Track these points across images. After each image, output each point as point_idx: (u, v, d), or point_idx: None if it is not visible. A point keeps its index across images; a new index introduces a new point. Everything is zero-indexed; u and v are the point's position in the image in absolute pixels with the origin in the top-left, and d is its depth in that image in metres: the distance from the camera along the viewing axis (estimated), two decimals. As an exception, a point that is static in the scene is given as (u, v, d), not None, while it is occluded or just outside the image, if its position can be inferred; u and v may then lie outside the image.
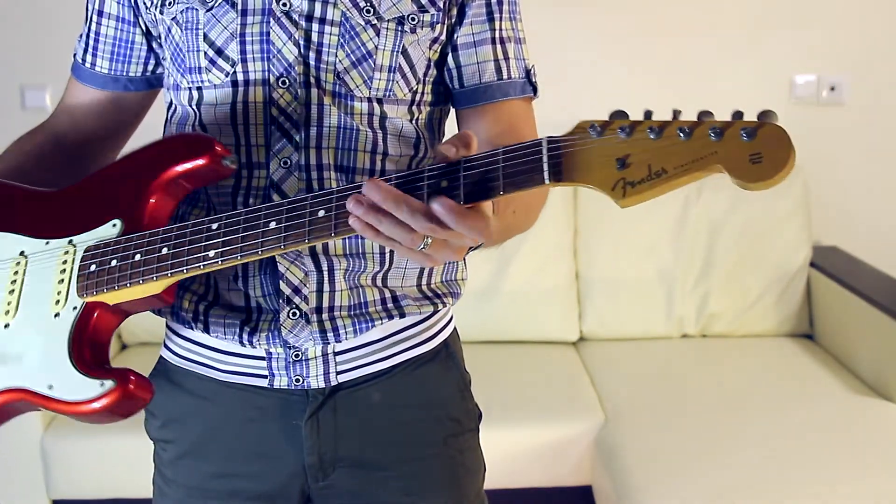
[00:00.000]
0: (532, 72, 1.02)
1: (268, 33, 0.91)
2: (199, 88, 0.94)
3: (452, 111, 1.05)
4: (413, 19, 0.94)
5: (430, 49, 0.97)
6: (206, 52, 0.93)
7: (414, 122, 0.98)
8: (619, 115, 0.70)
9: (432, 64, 0.98)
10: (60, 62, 1.01)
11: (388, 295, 0.99)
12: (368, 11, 0.92)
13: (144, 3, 0.98)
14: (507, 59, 0.99)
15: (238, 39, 0.92)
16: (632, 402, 2.17)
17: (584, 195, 2.56)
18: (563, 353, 2.50)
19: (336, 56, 0.92)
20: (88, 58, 1.04)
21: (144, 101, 1.08)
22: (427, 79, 0.98)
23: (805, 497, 1.77)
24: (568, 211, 2.55)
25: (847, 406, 2.13)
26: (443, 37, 0.97)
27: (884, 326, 2.19)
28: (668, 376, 2.32)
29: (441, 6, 0.95)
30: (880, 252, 2.69)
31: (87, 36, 1.03)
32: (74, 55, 1.06)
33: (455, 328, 1.10)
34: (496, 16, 0.98)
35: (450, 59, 0.99)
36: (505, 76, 0.99)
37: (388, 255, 0.97)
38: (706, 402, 2.16)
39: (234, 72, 0.92)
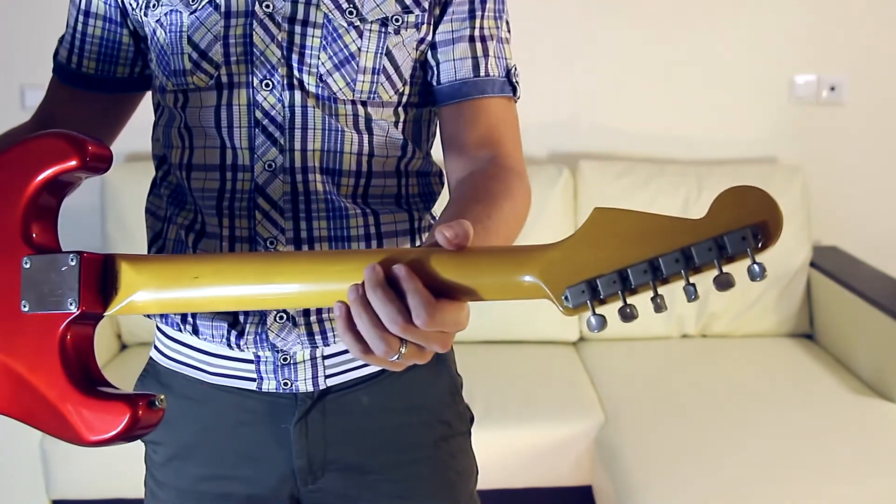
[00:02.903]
0: (513, 72, 1.00)
1: (251, 35, 0.90)
2: (183, 91, 0.94)
3: None
4: (397, 20, 0.93)
5: (416, 50, 0.96)
6: (189, 55, 0.92)
7: (400, 123, 0.97)
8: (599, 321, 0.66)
9: (417, 65, 0.97)
10: (60, 62, 1.01)
11: None
12: (351, 13, 0.91)
13: (130, 5, 0.97)
14: (486, 56, 0.97)
15: (222, 42, 0.91)
16: (632, 402, 2.17)
17: (585, 196, 2.56)
18: (563, 353, 2.50)
19: (319, 58, 0.91)
20: (74, 59, 1.02)
21: (130, 104, 1.07)
22: (414, 80, 0.97)
23: (805, 497, 1.77)
24: (568, 211, 2.55)
25: (847, 406, 2.13)
26: (429, 37, 0.96)
27: (884, 326, 2.19)
28: (668, 376, 2.32)
29: (426, 6, 0.94)
30: (880, 252, 2.69)
31: (73, 37, 1.01)
32: (56, 57, 1.04)
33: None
34: (478, 13, 0.97)
35: (429, 55, 0.97)
36: (482, 73, 0.97)
37: None
38: (706, 402, 2.16)
39: (218, 74, 0.91)
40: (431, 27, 0.96)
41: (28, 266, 0.79)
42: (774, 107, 2.70)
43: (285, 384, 0.97)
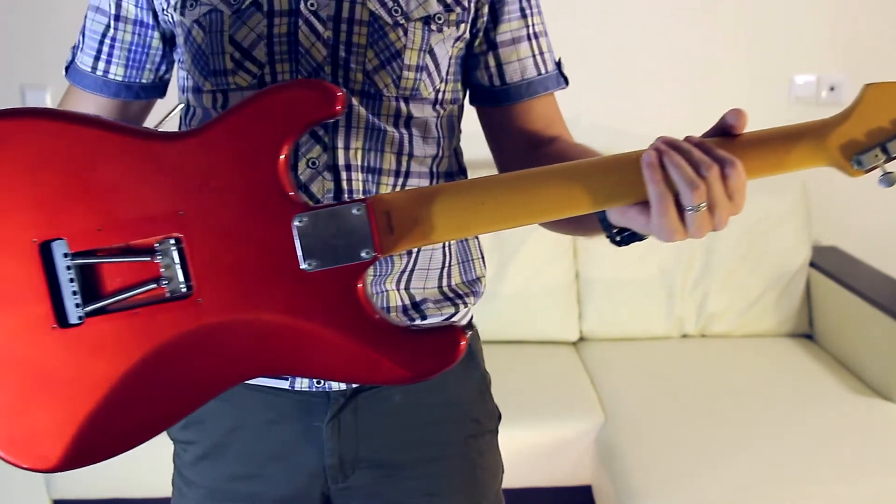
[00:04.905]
0: (561, 63, 1.04)
1: (296, 34, 0.91)
2: (223, 91, 0.93)
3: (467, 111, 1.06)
4: (439, 18, 0.94)
5: (453, 47, 0.97)
6: (231, 55, 0.92)
7: (436, 120, 0.99)
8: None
9: (452, 62, 0.98)
10: (61, 62, 1.00)
11: (408, 302, 0.99)
12: (396, 11, 0.92)
13: (161, 5, 0.96)
14: (541, 53, 1.02)
15: (265, 41, 0.91)
16: (632, 402, 2.17)
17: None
18: (563, 353, 2.50)
19: (365, 56, 0.92)
20: (101, 65, 1.01)
21: (147, 110, 1.07)
22: (448, 77, 0.98)
23: (805, 497, 1.77)
24: (568, 211, 2.55)
25: (847, 406, 2.13)
26: (466, 35, 0.98)
27: (884, 326, 2.19)
28: (668, 376, 2.32)
29: (466, 5, 0.96)
30: (880, 252, 2.69)
31: (101, 43, 1.00)
32: (72, 64, 1.03)
33: (475, 328, 1.10)
34: (528, 11, 1.00)
35: (490, 57, 1.00)
36: (542, 71, 1.01)
37: (413, 250, 0.97)
38: (706, 402, 2.16)
39: (262, 74, 0.91)
40: (472, 26, 0.97)
41: (302, 223, 0.77)
42: (774, 107, 2.70)
43: (318, 383, 0.97)
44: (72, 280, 0.80)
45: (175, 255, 0.79)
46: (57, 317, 0.80)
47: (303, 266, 0.78)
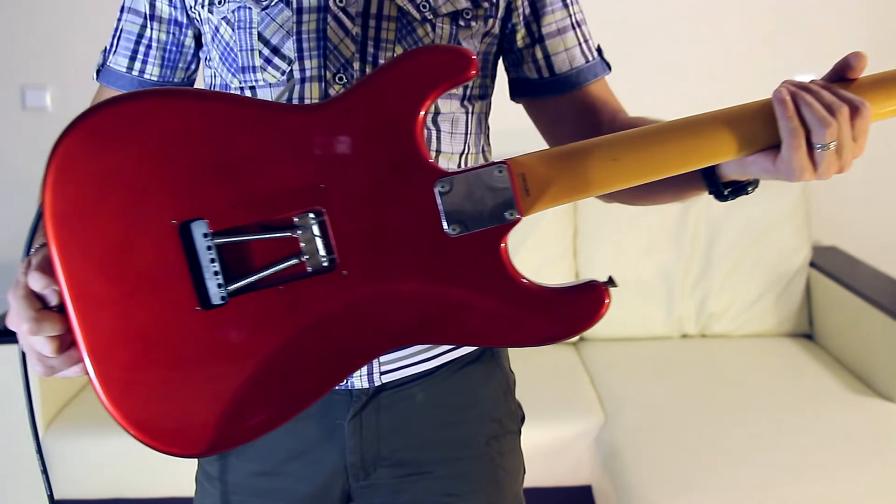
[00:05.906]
0: (601, 49, 1.04)
1: (324, 30, 0.91)
2: (251, 88, 0.94)
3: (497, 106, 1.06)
4: (467, 14, 0.95)
5: (481, 42, 0.97)
6: (260, 52, 0.92)
7: (464, 116, 0.99)
8: None
9: (481, 57, 0.98)
10: (60, 62, 1.00)
11: None
12: (424, 7, 0.93)
13: (189, 2, 0.97)
14: (586, 41, 1.02)
15: (294, 37, 0.91)
16: (632, 402, 2.18)
17: (584, 195, 2.56)
18: (563, 353, 2.50)
19: (393, 51, 0.92)
20: (137, 66, 1.01)
21: None
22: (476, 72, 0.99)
23: (804, 496, 1.77)
24: (568, 211, 2.55)
25: (847, 406, 2.13)
26: (495, 30, 0.98)
27: (884, 326, 2.19)
28: (668, 376, 2.32)
29: (494, 0, 0.96)
30: (880, 252, 2.69)
31: (137, 44, 1.01)
32: (104, 67, 1.03)
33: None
34: (568, 0, 1.01)
35: (536, 50, 1.00)
36: (589, 58, 1.02)
37: None
38: (706, 402, 2.16)
39: (291, 70, 0.92)
40: (498, 22, 0.97)
41: (444, 188, 0.78)
42: (774, 107, 2.70)
43: None
44: (213, 260, 0.79)
45: (315, 228, 0.79)
46: (199, 298, 0.79)
47: (447, 231, 0.78)
